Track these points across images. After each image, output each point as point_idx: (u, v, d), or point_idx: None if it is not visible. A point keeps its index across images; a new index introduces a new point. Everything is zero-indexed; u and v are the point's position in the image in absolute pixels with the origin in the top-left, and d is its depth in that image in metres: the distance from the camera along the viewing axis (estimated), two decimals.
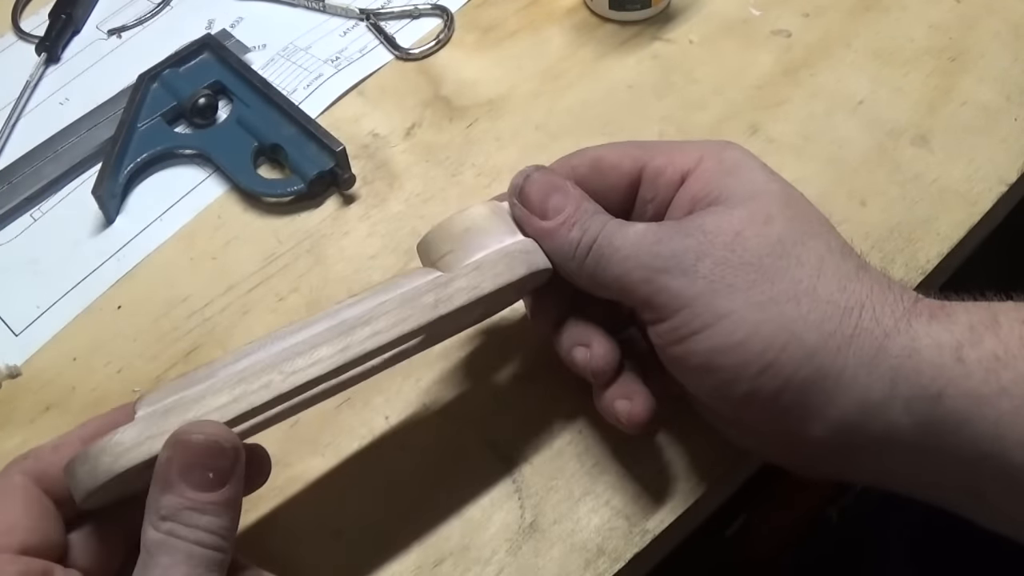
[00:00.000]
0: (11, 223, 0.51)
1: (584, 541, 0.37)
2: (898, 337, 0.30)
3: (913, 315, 0.30)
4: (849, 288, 0.31)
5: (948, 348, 0.29)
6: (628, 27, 0.56)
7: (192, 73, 0.54)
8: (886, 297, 0.31)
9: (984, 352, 0.29)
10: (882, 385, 0.30)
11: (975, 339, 0.29)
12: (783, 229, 0.32)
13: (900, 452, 0.31)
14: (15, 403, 0.44)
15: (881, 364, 0.30)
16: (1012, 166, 0.47)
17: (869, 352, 0.30)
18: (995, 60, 0.52)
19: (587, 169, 0.37)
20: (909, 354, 0.30)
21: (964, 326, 0.30)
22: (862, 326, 0.30)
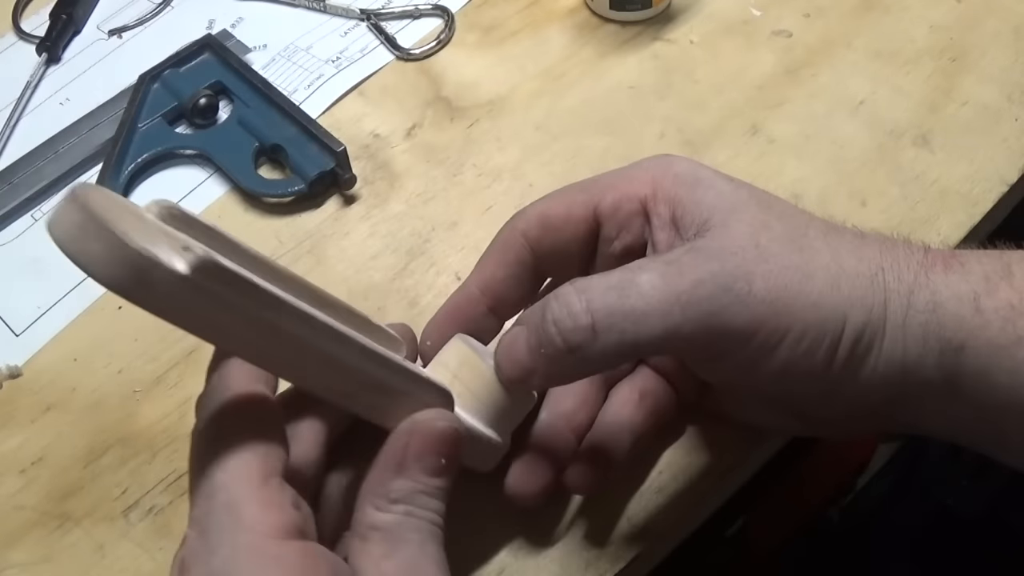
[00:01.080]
0: (12, 223, 0.51)
1: (584, 541, 0.37)
2: (920, 292, 0.30)
3: (928, 267, 0.31)
4: (864, 256, 0.31)
5: (967, 299, 0.30)
6: (629, 27, 0.56)
7: (193, 73, 0.54)
8: (896, 254, 0.31)
9: (1000, 302, 0.29)
10: (916, 343, 0.30)
11: (990, 289, 0.30)
12: (783, 228, 0.32)
13: (932, 405, 0.31)
14: (15, 403, 0.44)
15: (912, 322, 0.30)
16: (1013, 166, 0.47)
17: (901, 312, 0.30)
18: (996, 60, 0.52)
19: (537, 231, 0.35)
20: (933, 308, 0.30)
21: (979, 276, 0.30)
22: (889, 288, 0.31)
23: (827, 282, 0.30)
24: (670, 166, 0.34)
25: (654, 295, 0.29)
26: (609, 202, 0.34)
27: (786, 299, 0.30)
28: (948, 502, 0.83)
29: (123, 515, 0.40)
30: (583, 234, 0.35)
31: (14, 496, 0.41)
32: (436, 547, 0.29)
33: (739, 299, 0.30)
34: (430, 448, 0.30)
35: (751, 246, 0.31)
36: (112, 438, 0.42)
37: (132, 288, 0.24)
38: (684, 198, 0.33)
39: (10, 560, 0.39)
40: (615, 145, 0.51)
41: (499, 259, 0.35)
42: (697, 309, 0.29)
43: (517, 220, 0.36)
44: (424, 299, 0.45)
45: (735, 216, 0.32)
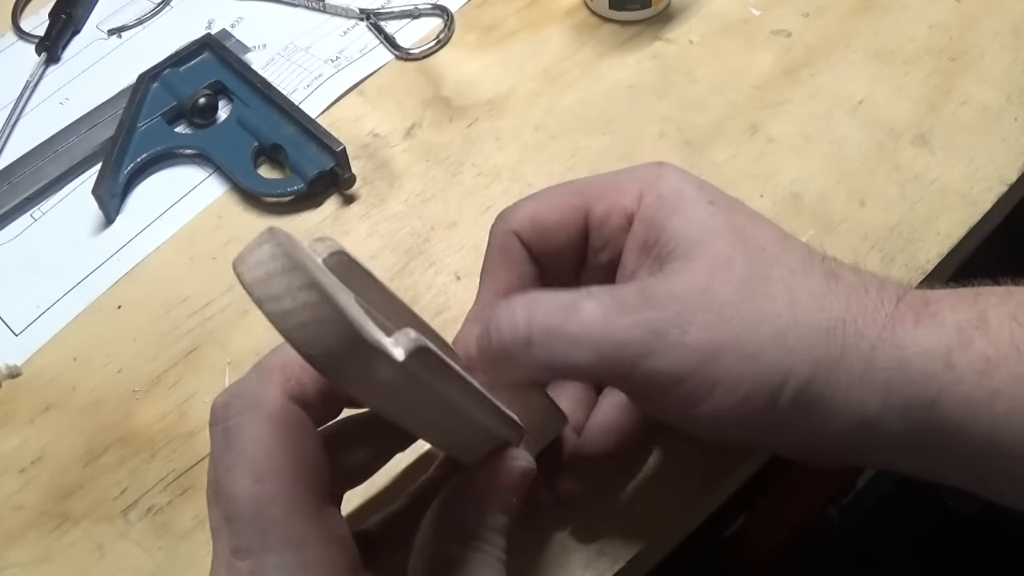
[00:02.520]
0: (11, 223, 0.51)
1: (584, 541, 0.37)
2: (885, 349, 0.29)
3: (896, 320, 0.30)
4: (826, 306, 0.30)
5: (937, 355, 0.29)
6: (628, 27, 0.56)
7: (192, 73, 0.54)
8: (865, 305, 0.30)
9: (974, 355, 0.28)
10: (876, 399, 0.29)
11: (964, 342, 0.29)
12: (744, 269, 0.31)
13: (902, 454, 0.31)
14: (15, 403, 0.44)
15: (872, 378, 0.29)
16: (1012, 166, 0.47)
17: (859, 368, 0.29)
18: (995, 60, 0.52)
19: (530, 233, 0.35)
20: (898, 365, 0.29)
21: (952, 328, 0.29)
22: (847, 344, 0.30)
23: (772, 334, 0.30)
24: (658, 181, 0.33)
25: (591, 325, 0.30)
26: (598, 213, 0.34)
27: (721, 350, 0.29)
28: (948, 501, 0.83)
29: (122, 515, 0.40)
30: (575, 240, 0.35)
31: (13, 496, 0.41)
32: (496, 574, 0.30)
33: (670, 346, 0.29)
34: (508, 487, 0.30)
35: (700, 290, 0.30)
36: (111, 438, 0.42)
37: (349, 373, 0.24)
38: (660, 223, 0.32)
39: (9, 560, 0.39)
40: (614, 145, 0.51)
41: (505, 265, 0.35)
42: (627, 349, 0.30)
43: (509, 220, 0.35)
44: (424, 299, 0.45)
45: (698, 251, 0.31)
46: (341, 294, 0.23)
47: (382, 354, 0.23)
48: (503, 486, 0.30)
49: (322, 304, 0.22)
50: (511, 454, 0.31)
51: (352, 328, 0.23)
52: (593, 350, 0.30)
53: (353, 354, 0.23)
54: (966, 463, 0.30)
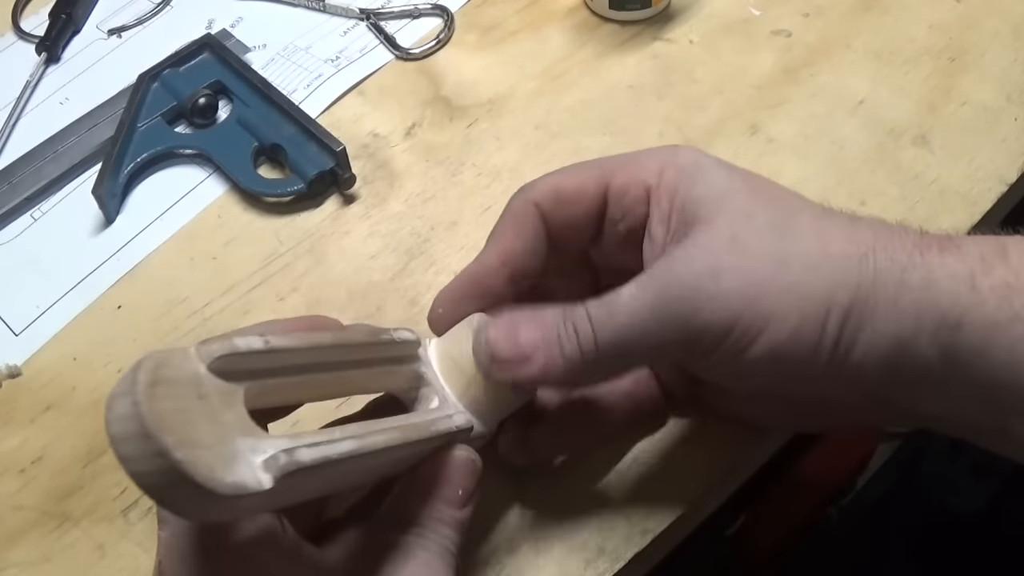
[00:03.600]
0: (11, 223, 0.51)
1: (584, 541, 0.37)
2: (914, 271, 0.30)
3: (923, 247, 0.31)
4: (855, 238, 0.31)
5: (962, 277, 0.30)
6: (628, 27, 0.56)
7: (192, 73, 0.54)
8: (892, 235, 0.31)
9: (996, 280, 0.29)
10: (909, 320, 0.30)
11: (986, 268, 0.30)
12: (767, 215, 0.32)
13: (929, 388, 0.31)
14: (15, 403, 0.44)
15: (904, 299, 0.30)
16: (1012, 166, 0.47)
17: (892, 290, 0.30)
18: (995, 60, 0.52)
19: (550, 202, 0.35)
20: (927, 286, 0.30)
21: (975, 256, 0.30)
22: (879, 267, 0.30)
23: (806, 266, 0.31)
24: (676, 156, 0.34)
25: (633, 306, 0.31)
26: (618, 183, 0.35)
27: (759, 289, 0.30)
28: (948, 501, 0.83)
29: (122, 515, 0.40)
30: (594, 209, 0.36)
31: (13, 496, 0.41)
32: (444, 568, 0.30)
33: (709, 297, 0.30)
34: (451, 479, 0.31)
35: (725, 240, 0.31)
36: None
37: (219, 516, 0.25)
38: (681, 192, 0.33)
39: (9, 560, 0.39)
40: (614, 145, 0.51)
41: (516, 230, 0.36)
42: (670, 313, 0.30)
43: (529, 191, 0.36)
44: (424, 298, 0.45)
45: (720, 207, 0.32)
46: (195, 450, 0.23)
47: (248, 495, 0.24)
48: (446, 480, 0.31)
49: (171, 470, 0.23)
50: (453, 448, 0.32)
51: (206, 489, 0.23)
52: (642, 330, 0.31)
53: (215, 505, 0.24)
54: (987, 399, 0.30)
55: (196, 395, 0.25)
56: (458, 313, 0.35)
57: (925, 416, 0.33)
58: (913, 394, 0.32)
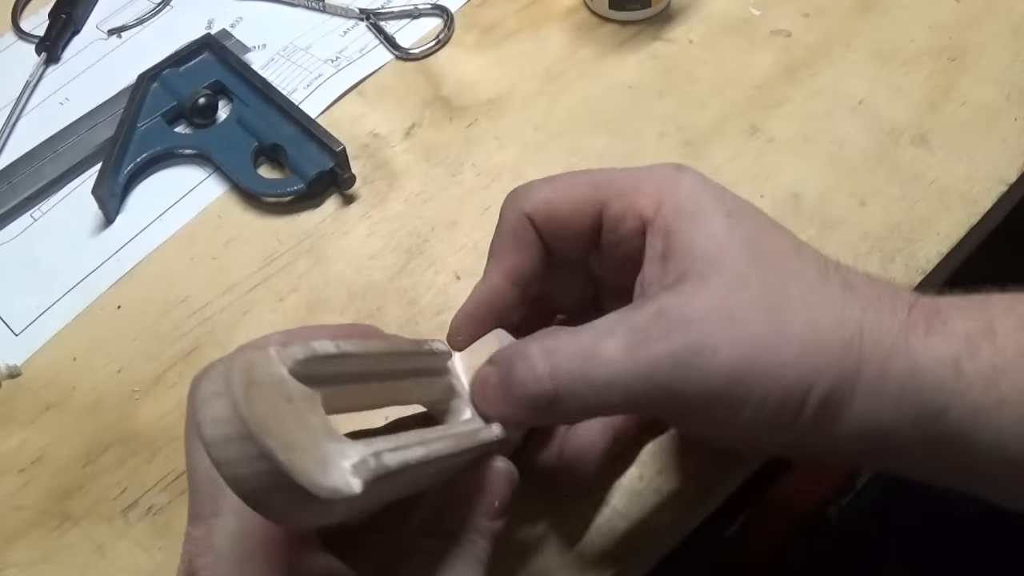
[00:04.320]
0: (11, 223, 0.51)
1: (584, 541, 0.37)
2: (898, 358, 0.30)
3: (910, 330, 0.30)
4: (843, 319, 0.30)
5: (947, 363, 0.29)
6: (628, 27, 0.56)
7: (192, 73, 0.54)
8: (879, 314, 0.31)
9: (982, 363, 0.29)
10: (890, 408, 0.30)
11: (972, 351, 0.29)
12: (761, 288, 0.31)
13: (910, 464, 0.31)
14: (15, 403, 0.44)
15: (887, 388, 0.30)
16: (1012, 166, 0.47)
17: (875, 379, 0.30)
18: (995, 60, 0.52)
19: (543, 219, 0.35)
20: (911, 374, 0.30)
21: (960, 337, 0.30)
22: (864, 356, 0.30)
23: (794, 351, 0.30)
24: (677, 187, 0.33)
25: (617, 366, 0.30)
26: (614, 212, 0.34)
27: (747, 370, 0.30)
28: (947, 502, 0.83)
29: (122, 515, 0.40)
30: (587, 229, 0.35)
31: (13, 496, 0.41)
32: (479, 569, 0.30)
33: (699, 374, 0.30)
34: (489, 491, 0.31)
35: (721, 311, 0.30)
36: (111, 438, 0.42)
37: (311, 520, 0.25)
38: (678, 234, 0.32)
39: (9, 560, 0.39)
40: (614, 145, 0.51)
41: (515, 246, 0.36)
42: (658, 383, 0.30)
43: (522, 202, 0.35)
44: (423, 299, 0.45)
45: (715, 269, 0.31)
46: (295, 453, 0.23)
47: (342, 499, 0.24)
48: (484, 490, 0.31)
49: (275, 472, 0.23)
50: (493, 459, 0.32)
51: (304, 491, 0.23)
52: (622, 390, 0.30)
53: (310, 509, 0.24)
54: (977, 470, 0.30)
55: (285, 398, 0.25)
56: (477, 337, 0.35)
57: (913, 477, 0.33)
58: (896, 465, 0.32)
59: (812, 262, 0.32)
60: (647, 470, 0.39)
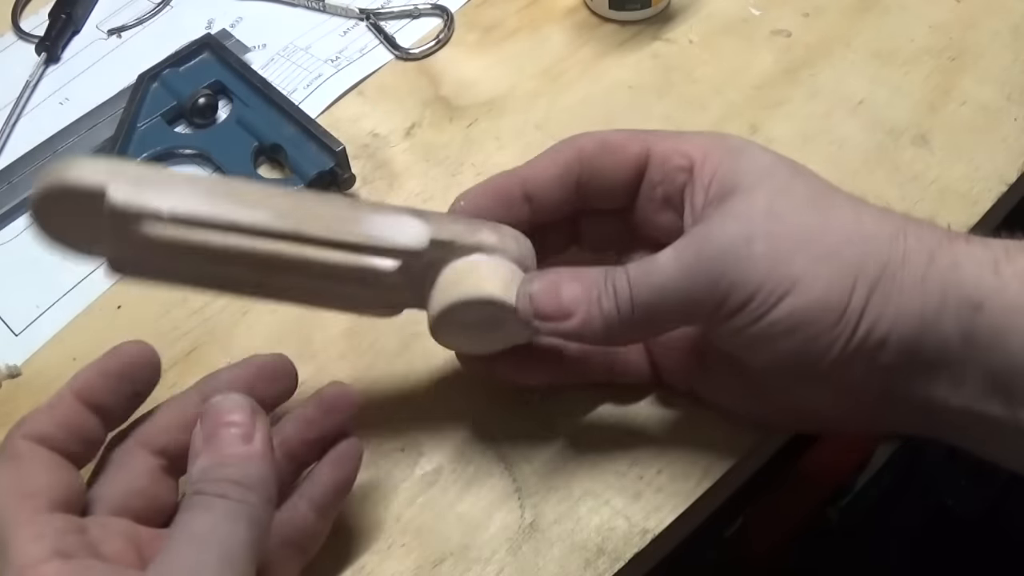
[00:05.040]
0: (11, 223, 0.51)
1: (584, 541, 0.37)
2: (942, 254, 0.32)
3: (950, 237, 0.32)
4: (887, 218, 0.33)
5: (986, 263, 0.31)
6: (628, 27, 0.56)
7: (192, 73, 0.54)
8: (921, 224, 0.33)
9: (1019, 267, 0.31)
10: (935, 297, 0.31)
11: (1010, 257, 0.31)
12: (806, 190, 0.33)
13: (946, 372, 0.32)
14: (15, 403, 0.44)
15: (931, 277, 0.31)
16: (1012, 166, 0.47)
17: (920, 268, 0.31)
18: (995, 60, 0.52)
19: (594, 147, 0.37)
20: (953, 267, 0.31)
21: (999, 247, 0.32)
22: (909, 247, 0.32)
23: (840, 238, 0.32)
24: (724, 139, 0.36)
25: (669, 268, 0.33)
26: (661, 149, 0.36)
27: (788, 254, 0.32)
28: (947, 502, 0.83)
29: None
30: (633, 165, 0.37)
31: None
32: (209, 519, 0.29)
33: (739, 259, 0.32)
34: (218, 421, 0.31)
35: (762, 209, 0.33)
36: None
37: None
38: (725, 164, 0.35)
39: None
40: None
41: (552, 159, 0.37)
42: (702, 273, 0.32)
43: (578, 136, 0.37)
44: None
45: (760, 180, 0.33)
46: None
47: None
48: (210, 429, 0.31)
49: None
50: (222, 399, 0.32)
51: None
52: (674, 289, 0.33)
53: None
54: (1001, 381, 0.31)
55: None
56: (476, 208, 0.37)
57: (933, 408, 0.33)
58: (928, 379, 0.32)
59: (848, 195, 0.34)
60: (647, 470, 0.39)
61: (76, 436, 0.32)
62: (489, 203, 0.37)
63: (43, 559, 0.28)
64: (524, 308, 0.34)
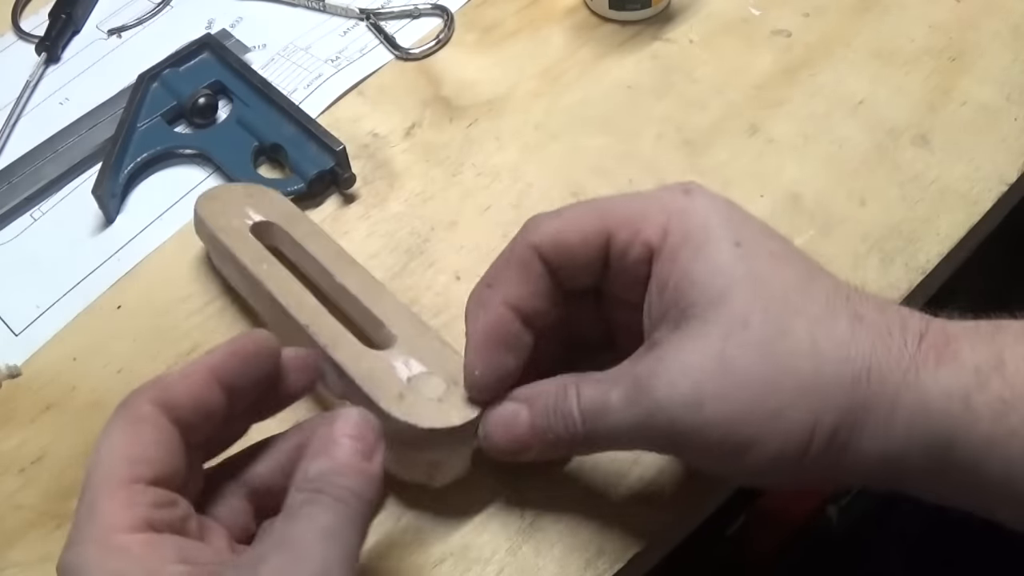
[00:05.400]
0: (11, 223, 0.51)
1: (584, 541, 0.37)
2: (907, 393, 0.30)
3: (919, 363, 0.30)
4: (851, 355, 0.31)
5: (957, 396, 0.30)
6: (628, 27, 0.56)
7: (192, 73, 0.54)
8: (889, 348, 0.31)
9: (991, 396, 0.29)
10: (900, 441, 0.30)
11: (981, 383, 0.29)
12: (762, 328, 0.31)
13: (924, 487, 0.32)
14: (15, 403, 0.44)
15: (896, 421, 0.30)
16: (1012, 166, 0.47)
17: (884, 413, 0.30)
18: (995, 60, 0.52)
19: (551, 250, 0.35)
20: (920, 408, 0.30)
21: (970, 370, 0.30)
22: (872, 391, 0.30)
23: (795, 390, 0.30)
24: (684, 215, 0.33)
25: (621, 415, 0.33)
26: (621, 241, 0.34)
27: (745, 417, 0.30)
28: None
29: None
30: (595, 260, 0.35)
31: (13, 495, 0.41)
32: (333, 518, 0.29)
33: (690, 427, 0.31)
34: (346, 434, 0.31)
35: (714, 359, 0.31)
36: None
37: None
38: (682, 267, 0.32)
39: (9, 560, 0.39)
40: (614, 145, 0.51)
41: (521, 276, 0.35)
42: (657, 431, 0.32)
43: (530, 234, 0.35)
44: (424, 299, 0.45)
45: (716, 309, 0.31)
46: None
47: None
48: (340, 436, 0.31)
49: None
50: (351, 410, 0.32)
51: None
52: (628, 436, 0.33)
53: None
54: (985, 498, 0.31)
55: None
56: (494, 367, 0.35)
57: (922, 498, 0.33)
58: (906, 486, 0.32)
59: (821, 294, 0.32)
60: (647, 470, 0.39)
61: (201, 411, 0.31)
62: (501, 357, 0.35)
63: (132, 527, 0.28)
64: (482, 444, 0.36)
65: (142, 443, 0.30)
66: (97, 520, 0.29)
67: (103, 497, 0.29)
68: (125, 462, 0.30)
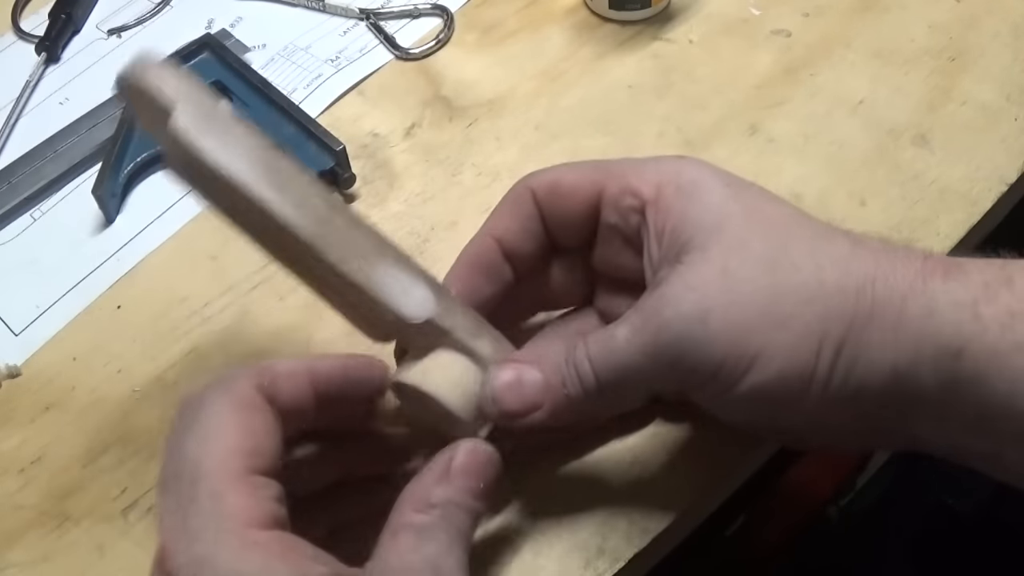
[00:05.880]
0: (11, 223, 0.51)
1: (584, 541, 0.37)
2: (915, 299, 0.30)
3: (927, 274, 0.31)
4: (853, 268, 0.31)
5: (965, 305, 0.29)
6: (628, 27, 0.56)
7: (192, 73, 0.54)
8: (894, 263, 0.31)
9: (999, 308, 0.29)
10: (909, 349, 0.30)
11: (990, 295, 0.29)
12: (762, 245, 0.31)
13: (926, 414, 0.31)
14: (15, 403, 0.44)
15: (904, 329, 0.30)
16: (1012, 165, 0.47)
17: (891, 321, 0.30)
18: (995, 60, 0.52)
19: (546, 193, 0.36)
20: (928, 314, 0.30)
21: (979, 283, 0.30)
22: (878, 299, 0.30)
23: (799, 300, 0.30)
24: (678, 174, 0.34)
25: (627, 348, 0.32)
26: (613, 190, 0.35)
27: (746, 327, 0.30)
28: (948, 501, 0.83)
29: (122, 515, 0.40)
30: (587, 209, 0.36)
31: (13, 495, 0.41)
32: (462, 553, 0.30)
33: (696, 341, 0.31)
34: (472, 466, 0.31)
35: (716, 274, 0.31)
36: (111, 438, 0.42)
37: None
38: (678, 212, 0.33)
39: (9, 560, 0.39)
40: (614, 145, 0.51)
41: (512, 211, 0.37)
42: (662, 356, 0.31)
43: (529, 178, 0.37)
44: None
45: (713, 235, 0.32)
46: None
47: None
48: (471, 471, 0.31)
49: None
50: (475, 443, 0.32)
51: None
52: (635, 370, 0.32)
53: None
54: (986, 423, 0.30)
55: None
56: (469, 289, 0.36)
57: (919, 440, 0.32)
58: (908, 419, 0.32)
59: (818, 223, 0.33)
60: (647, 470, 0.39)
61: (295, 413, 0.31)
62: (477, 280, 0.36)
63: (262, 523, 0.28)
64: (489, 410, 0.34)
65: (255, 432, 0.29)
66: (227, 512, 0.27)
67: (228, 489, 0.28)
68: (240, 451, 0.29)
